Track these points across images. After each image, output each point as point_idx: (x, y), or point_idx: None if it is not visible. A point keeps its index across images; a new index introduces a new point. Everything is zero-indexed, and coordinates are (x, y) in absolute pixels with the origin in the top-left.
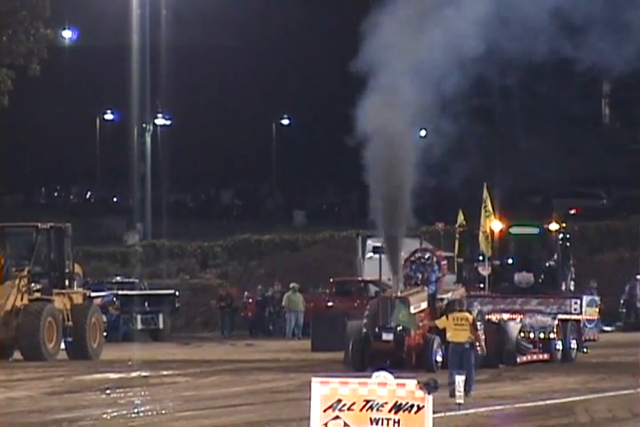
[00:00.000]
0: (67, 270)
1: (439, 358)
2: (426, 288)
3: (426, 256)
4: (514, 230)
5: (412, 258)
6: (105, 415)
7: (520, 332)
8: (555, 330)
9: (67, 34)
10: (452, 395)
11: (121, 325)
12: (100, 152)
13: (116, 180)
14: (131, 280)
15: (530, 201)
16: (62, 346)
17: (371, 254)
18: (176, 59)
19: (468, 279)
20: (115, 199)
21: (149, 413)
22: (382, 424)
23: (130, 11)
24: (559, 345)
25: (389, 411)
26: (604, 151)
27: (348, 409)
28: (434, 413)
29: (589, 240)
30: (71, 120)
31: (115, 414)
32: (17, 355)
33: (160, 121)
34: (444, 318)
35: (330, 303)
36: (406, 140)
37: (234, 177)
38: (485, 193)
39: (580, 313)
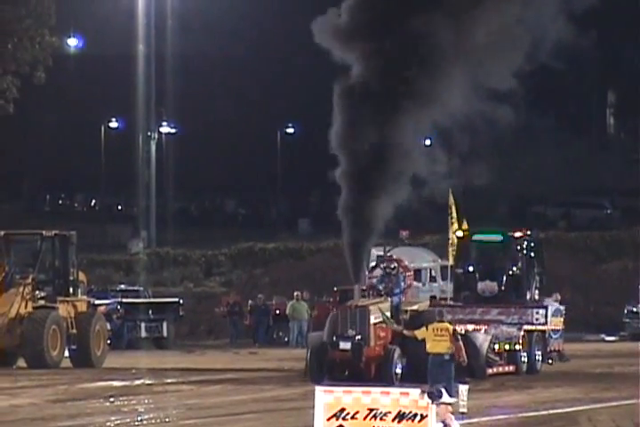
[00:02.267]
0: (71, 278)
1: (399, 370)
2: (389, 299)
3: (391, 266)
4: (476, 237)
5: (378, 268)
6: (108, 423)
7: (490, 344)
8: (520, 341)
9: (72, 42)
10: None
11: (125, 333)
12: (105, 160)
13: (120, 188)
14: (135, 288)
15: (530, 210)
16: (66, 354)
17: (375, 263)
18: (181, 67)
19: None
20: (119, 207)
21: (153, 421)
22: None
23: (135, 19)
24: (524, 357)
25: (393, 420)
26: (609, 161)
27: (352, 418)
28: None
29: (594, 250)
30: (76, 128)
31: (118, 422)
32: (21, 362)
33: (165, 129)
34: (424, 328)
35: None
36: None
37: (238, 185)
38: (451, 199)
39: (546, 323)
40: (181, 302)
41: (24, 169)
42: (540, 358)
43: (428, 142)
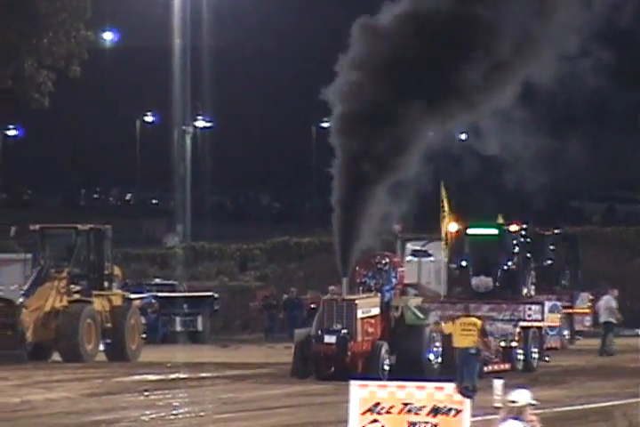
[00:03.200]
0: (106, 272)
1: (386, 367)
2: (379, 295)
3: (383, 262)
4: (471, 231)
5: (368, 263)
6: (143, 417)
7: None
8: (516, 338)
9: (107, 36)
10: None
11: (160, 327)
12: (140, 154)
13: (155, 182)
14: (170, 282)
15: (567, 205)
16: (101, 348)
17: (410, 258)
18: (217, 61)
19: None
20: (154, 201)
21: (188, 415)
22: None
23: (171, 13)
24: (520, 354)
25: (427, 414)
26: None
27: (387, 412)
28: (472, 416)
29: (630, 244)
30: (111, 122)
31: (153, 415)
32: (56, 356)
33: (200, 123)
34: (451, 323)
35: None
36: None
37: (273, 179)
38: (443, 193)
39: (542, 320)
40: (216, 296)
41: (59, 163)
42: (537, 356)
43: (463, 137)
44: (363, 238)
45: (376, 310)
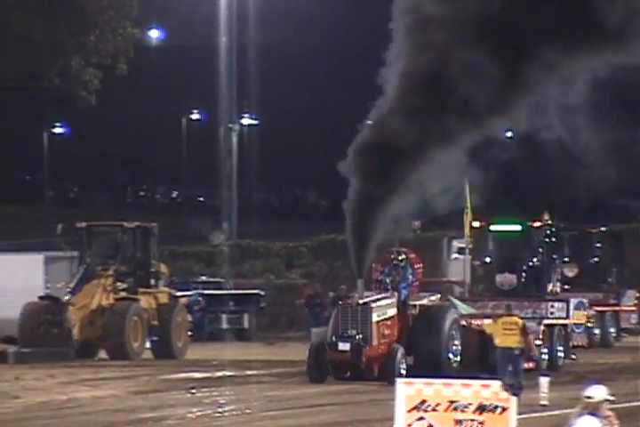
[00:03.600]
0: (152, 270)
1: (403, 371)
2: (395, 294)
3: (399, 258)
4: (494, 228)
5: (384, 260)
6: (190, 415)
7: None
8: (540, 336)
9: (154, 33)
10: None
11: (206, 324)
12: (187, 152)
13: (201, 179)
14: (216, 280)
15: (613, 203)
16: (147, 345)
17: (456, 255)
18: (263, 58)
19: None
20: (201, 199)
21: (234, 412)
22: (466, 425)
23: (217, 10)
24: (545, 353)
25: (474, 412)
26: None
27: (433, 410)
28: (518, 414)
29: None
30: (158, 119)
31: (199, 413)
32: (102, 354)
33: (246, 121)
34: (492, 322)
35: None
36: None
37: (319, 177)
38: (467, 190)
39: (567, 317)
40: (262, 293)
41: (106, 161)
42: (563, 354)
43: (509, 134)
44: (379, 236)
45: (392, 311)
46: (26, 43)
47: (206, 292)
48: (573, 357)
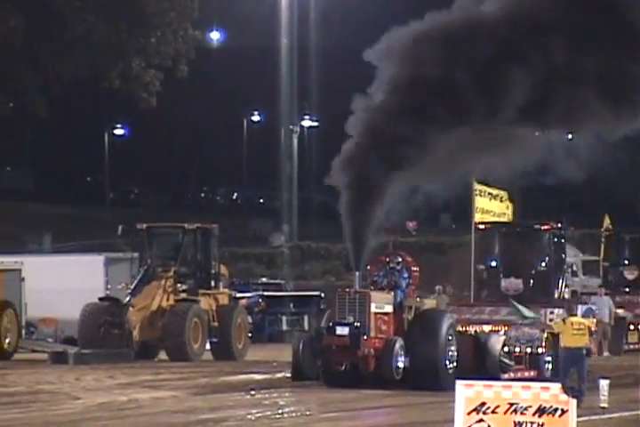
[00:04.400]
0: (213, 271)
1: (401, 364)
2: (392, 293)
3: (395, 261)
4: (501, 231)
5: (380, 263)
6: (249, 416)
7: (503, 346)
8: (543, 344)
9: (214, 35)
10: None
11: (266, 326)
12: (247, 153)
13: (262, 181)
14: (276, 281)
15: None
16: (207, 346)
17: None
18: (324, 59)
19: (613, 283)
20: (261, 201)
21: (294, 414)
22: None
23: (278, 12)
24: (548, 361)
25: (533, 414)
26: None
27: (492, 412)
28: (578, 416)
29: None
30: (218, 121)
31: (259, 414)
32: (162, 355)
33: (307, 122)
34: (562, 322)
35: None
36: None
37: None
38: (475, 188)
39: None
40: (323, 295)
41: (166, 163)
42: None
43: (570, 136)
44: (376, 235)
45: (389, 308)
46: (88, 45)
47: (266, 293)
48: None
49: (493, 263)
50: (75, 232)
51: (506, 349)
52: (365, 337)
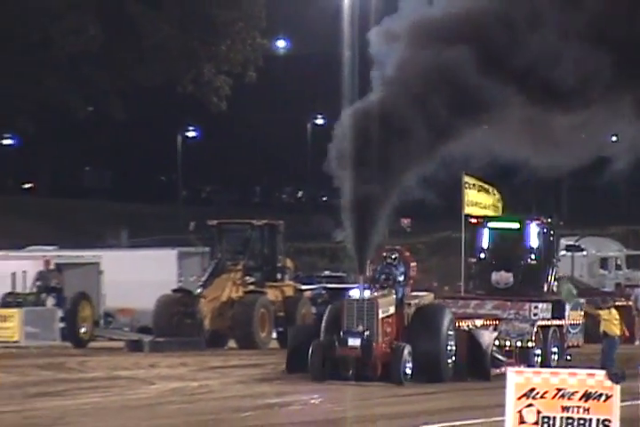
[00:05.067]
0: (279, 265)
1: (408, 370)
2: (393, 291)
3: (392, 257)
4: (491, 225)
5: (378, 258)
6: (313, 400)
7: (495, 340)
8: (533, 338)
9: (280, 43)
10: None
11: None
12: (311, 155)
13: (324, 181)
14: (338, 274)
15: None
16: (274, 335)
17: (564, 252)
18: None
19: None
20: (324, 199)
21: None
22: (573, 412)
23: (340, 21)
24: (538, 355)
25: (579, 399)
26: None
27: (541, 397)
28: (621, 401)
29: None
30: (284, 124)
31: (321, 399)
32: (232, 343)
33: None
34: (607, 311)
35: None
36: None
37: (437, 176)
38: (465, 182)
39: (563, 317)
40: None
41: (236, 162)
42: (557, 356)
43: (614, 139)
44: (379, 233)
45: (392, 309)
46: (162, 52)
47: (329, 285)
48: (569, 358)
49: (482, 256)
50: (150, 228)
51: (497, 343)
52: (375, 344)
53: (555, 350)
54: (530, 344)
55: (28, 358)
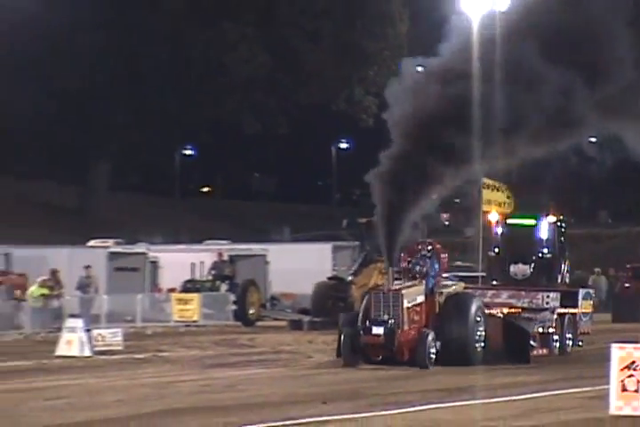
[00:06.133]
0: None
1: (433, 355)
2: (423, 282)
3: (427, 249)
4: (511, 221)
5: (412, 250)
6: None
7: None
8: (554, 324)
9: (420, 69)
10: None
11: None
12: None
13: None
14: (468, 264)
15: None
16: None
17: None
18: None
19: None
20: (456, 200)
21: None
22: None
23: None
24: (556, 339)
25: None
26: None
27: None
28: None
29: None
30: None
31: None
32: None
33: None
34: None
35: (627, 285)
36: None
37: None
38: (484, 183)
39: (577, 306)
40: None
41: None
42: (571, 342)
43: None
44: (407, 228)
45: (421, 298)
46: (320, 77)
47: (460, 274)
48: (580, 344)
49: (497, 250)
50: (308, 225)
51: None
52: (400, 331)
53: (569, 336)
54: (550, 330)
55: (205, 335)
